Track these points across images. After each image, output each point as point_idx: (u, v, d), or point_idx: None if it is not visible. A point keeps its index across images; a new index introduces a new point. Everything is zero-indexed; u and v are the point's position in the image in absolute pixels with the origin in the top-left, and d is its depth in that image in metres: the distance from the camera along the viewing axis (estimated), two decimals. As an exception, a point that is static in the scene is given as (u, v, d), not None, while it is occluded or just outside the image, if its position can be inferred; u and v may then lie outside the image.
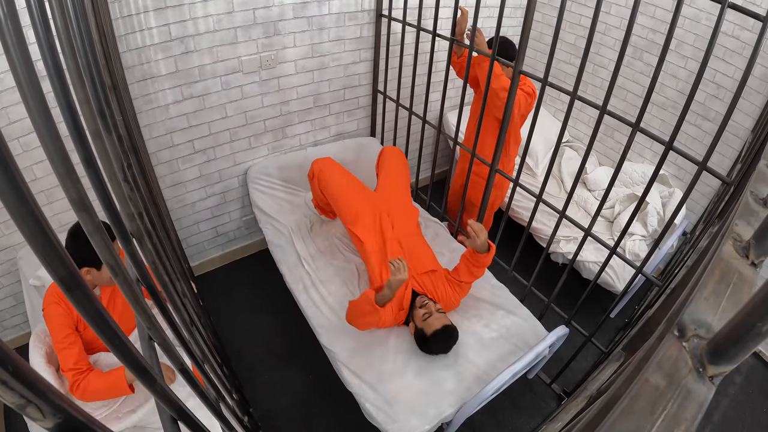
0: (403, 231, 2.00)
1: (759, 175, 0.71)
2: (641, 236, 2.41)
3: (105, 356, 1.54)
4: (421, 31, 2.12)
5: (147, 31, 1.78)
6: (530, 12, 1.56)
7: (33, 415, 0.27)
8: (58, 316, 1.40)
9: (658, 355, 0.40)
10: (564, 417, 1.05)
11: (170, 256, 1.03)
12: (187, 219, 2.40)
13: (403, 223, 2.03)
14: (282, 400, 2.04)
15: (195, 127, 2.12)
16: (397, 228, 1.99)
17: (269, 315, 2.43)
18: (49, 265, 0.31)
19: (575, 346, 2.00)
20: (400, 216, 2.05)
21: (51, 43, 0.45)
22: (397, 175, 2.18)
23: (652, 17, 2.48)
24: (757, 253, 0.52)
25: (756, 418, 2.09)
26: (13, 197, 0.26)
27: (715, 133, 1.30)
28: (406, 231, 2.01)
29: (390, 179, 2.16)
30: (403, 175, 2.20)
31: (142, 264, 0.66)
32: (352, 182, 2.10)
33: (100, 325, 0.39)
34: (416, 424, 1.52)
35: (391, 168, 2.19)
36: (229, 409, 1.11)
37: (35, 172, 1.77)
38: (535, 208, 1.89)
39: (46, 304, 1.42)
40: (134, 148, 1.13)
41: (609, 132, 2.91)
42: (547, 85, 1.63)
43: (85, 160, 0.50)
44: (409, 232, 2.02)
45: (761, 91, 2.14)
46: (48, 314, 1.41)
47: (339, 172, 2.10)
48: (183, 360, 0.69)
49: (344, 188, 2.05)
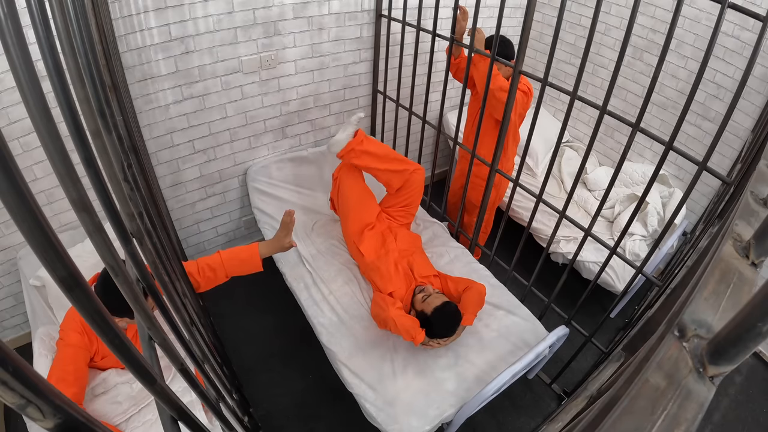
0: (405, 244, 2.04)
1: (759, 175, 0.71)
2: (641, 236, 2.41)
3: (115, 376, 1.52)
4: (421, 31, 2.12)
5: (147, 31, 1.78)
6: (530, 12, 1.56)
7: (33, 415, 0.27)
8: (76, 347, 1.35)
9: (658, 356, 0.40)
10: (564, 417, 1.05)
11: (170, 256, 1.03)
12: (187, 219, 2.40)
13: (405, 239, 2.07)
14: (282, 400, 2.04)
15: (195, 127, 2.12)
16: (399, 241, 2.04)
17: (269, 315, 2.43)
18: (49, 265, 0.31)
19: (575, 346, 2.00)
20: (404, 234, 2.09)
21: (51, 43, 0.45)
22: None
23: (652, 17, 2.48)
24: (757, 253, 0.52)
25: (756, 418, 2.09)
26: (13, 197, 0.26)
27: (715, 133, 1.30)
28: (407, 245, 2.05)
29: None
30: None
31: (142, 264, 0.66)
32: (368, 197, 2.10)
33: (100, 325, 0.39)
34: (416, 424, 1.52)
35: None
36: (229, 409, 1.11)
37: (35, 172, 1.77)
38: (535, 208, 1.89)
39: (66, 329, 1.37)
40: (134, 148, 1.13)
41: (609, 132, 2.91)
42: (547, 85, 1.63)
43: (85, 160, 0.50)
44: (411, 247, 2.05)
45: (761, 91, 2.14)
46: (66, 340, 1.35)
47: (359, 186, 2.08)
48: (183, 360, 0.69)
49: (359, 204, 2.05)
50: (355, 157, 1.97)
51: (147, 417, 1.46)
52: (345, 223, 2.08)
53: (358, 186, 2.05)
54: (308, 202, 2.43)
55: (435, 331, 1.67)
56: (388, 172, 2.00)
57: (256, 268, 1.56)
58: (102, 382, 1.50)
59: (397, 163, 2.00)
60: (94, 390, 1.48)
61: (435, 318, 1.66)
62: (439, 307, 1.68)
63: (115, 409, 1.45)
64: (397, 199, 2.10)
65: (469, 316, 1.71)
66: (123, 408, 1.45)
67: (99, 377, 1.51)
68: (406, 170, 1.99)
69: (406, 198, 2.08)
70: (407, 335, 1.62)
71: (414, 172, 2.01)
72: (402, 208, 2.11)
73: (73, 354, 1.35)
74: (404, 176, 2.00)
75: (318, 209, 2.41)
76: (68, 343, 1.36)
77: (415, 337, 1.61)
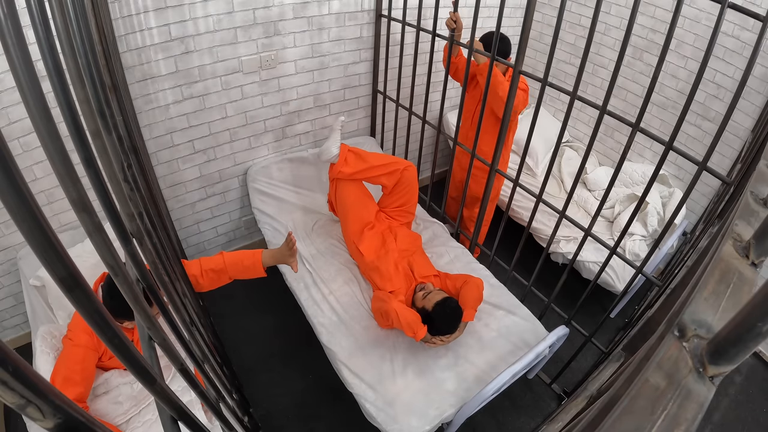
0: (405, 244, 2.04)
1: (759, 175, 0.71)
2: (641, 236, 2.41)
3: (117, 376, 1.53)
4: (421, 31, 2.12)
5: (147, 31, 1.78)
6: (530, 12, 1.56)
7: (33, 415, 0.27)
8: (85, 347, 1.35)
9: (658, 355, 0.40)
10: (564, 417, 1.05)
11: (170, 256, 1.03)
12: (187, 219, 2.40)
13: (405, 239, 2.07)
14: (282, 400, 2.04)
15: (195, 127, 2.12)
16: (399, 241, 2.04)
17: (269, 315, 2.43)
18: (49, 265, 0.31)
19: (575, 346, 2.00)
20: (404, 233, 2.10)
21: (51, 43, 0.45)
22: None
23: (652, 17, 2.48)
24: (757, 253, 0.52)
25: (756, 418, 2.09)
26: (13, 197, 0.26)
27: (715, 133, 1.30)
28: (407, 245, 2.05)
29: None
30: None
31: (142, 264, 0.66)
32: (366, 198, 2.10)
33: (99, 325, 0.39)
34: (417, 425, 1.52)
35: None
36: (229, 409, 1.11)
37: (35, 172, 1.77)
38: (535, 208, 1.89)
39: (74, 328, 1.37)
40: (134, 148, 1.13)
41: (609, 132, 2.91)
42: (547, 85, 1.63)
43: (85, 160, 0.50)
44: (411, 247, 2.05)
45: (761, 91, 2.14)
46: (74, 340, 1.36)
47: (356, 186, 2.08)
48: (183, 360, 0.69)
49: (357, 204, 2.05)
50: (345, 177, 1.99)
51: (147, 417, 1.46)
52: (344, 223, 2.08)
53: (355, 186, 2.05)
54: (308, 203, 2.43)
55: (437, 327, 1.66)
56: (379, 176, 2.00)
57: (259, 274, 1.58)
58: (104, 383, 1.51)
59: (385, 166, 1.99)
60: (95, 390, 1.48)
61: (436, 313, 1.66)
62: (440, 302, 1.68)
63: (116, 409, 1.45)
64: (392, 199, 2.10)
65: (469, 311, 1.70)
66: (124, 408, 1.45)
67: (101, 377, 1.51)
68: (396, 170, 1.99)
69: (401, 196, 2.08)
70: (409, 329, 1.62)
71: (405, 169, 2.01)
72: (398, 208, 2.11)
73: (82, 354, 1.35)
74: (395, 176, 2.01)
75: (318, 209, 2.41)
76: (77, 344, 1.36)
77: (417, 332, 1.61)
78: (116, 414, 1.44)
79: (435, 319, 1.66)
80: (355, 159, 1.96)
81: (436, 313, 1.66)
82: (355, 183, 2.06)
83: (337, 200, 2.09)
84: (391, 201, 2.11)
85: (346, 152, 1.95)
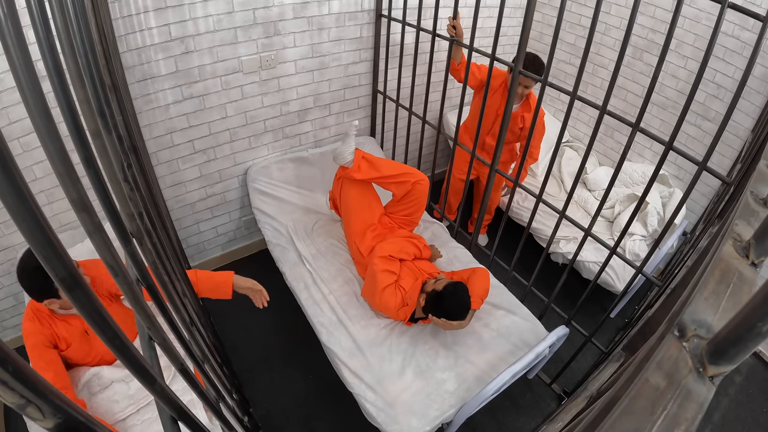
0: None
1: (759, 175, 0.71)
2: (641, 236, 2.41)
3: (108, 371, 1.52)
4: (421, 31, 2.12)
5: (147, 31, 1.78)
6: (530, 12, 1.56)
7: (33, 415, 0.27)
8: (34, 334, 1.36)
9: (658, 355, 0.40)
10: (564, 417, 1.05)
11: (170, 256, 1.03)
12: (187, 219, 2.40)
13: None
14: (282, 400, 2.04)
15: (195, 127, 2.12)
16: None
17: (269, 315, 2.42)
18: (49, 265, 0.31)
19: (575, 346, 2.00)
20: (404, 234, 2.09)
21: (51, 43, 0.45)
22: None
23: (652, 17, 2.48)
24: (757, 253, 0.52)
25: (756, 418, 2.09)
26: (13, 197, 0.26)
27: (715, 133, 1.30)
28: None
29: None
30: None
31: (142, 264, 0.66)
32: (372, 199, 2.09)
33: (100, 325, 0.39)
34: (417, 425, 1.52)
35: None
36: (229, 409, 1.11)
37: (35, 172, 1.77)
38: (535, 208, 1.89)
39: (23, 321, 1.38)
40: (134, 148, 1.13)
41: (609, 132, 2.91)
42: (547, 85, 1.63)
43: (85, 160, 0.50)
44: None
45: (761, 91, 2.14)
46: (24, 332, 1.37)
47: (363, 185, 2.07)
48: (183, 360, 0.69)
49: (361, 205, 2.05)
50: (355, 181, 2.00)
51: (147, 416, 1.46)
52: (347, 223, 2.08)
53: (361, 186, 2.05)
54: (308, 203, 2.43)
55: (446, 309, 1.64)
56: (389, 184, 2.00)
57: (226, 295, 1.58)
58: (94, 378, 1.48)
59: (396, 177, 1.98)
60: (90, 388, 1.47)
61: (447, 293, 1.64)
62: (451, 283, 1.67)
63: (112, 408, 1.45)
64: (400, 207, 2.09)
65: (476, 299, 1.71)
66: (121, 407, 1.45)
67: (89, 373, 1.49)
68: (407, 181, 1.97)
69: (409, 206, 2.07)
70: (387, 309, 1.71)
71: (416, 182, 1.98)
72: (404, 216, 2.11)
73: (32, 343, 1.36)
74: (405, 187, 1.99)
75: (318, 209, 2.41)
76: (25, 335, 1.37)
77: (397, 314, 1.71)
78: (113, 412, 1.44)
79: (445, 299, 1.64)
80: (368, 167, 1.95)
81: (447, 292, 1.64)
82: (362, 183, 2.06)
83: (342, 199, 2.08)
84: (398, 209, 2.10)
85: (359, 159, 1.95)
